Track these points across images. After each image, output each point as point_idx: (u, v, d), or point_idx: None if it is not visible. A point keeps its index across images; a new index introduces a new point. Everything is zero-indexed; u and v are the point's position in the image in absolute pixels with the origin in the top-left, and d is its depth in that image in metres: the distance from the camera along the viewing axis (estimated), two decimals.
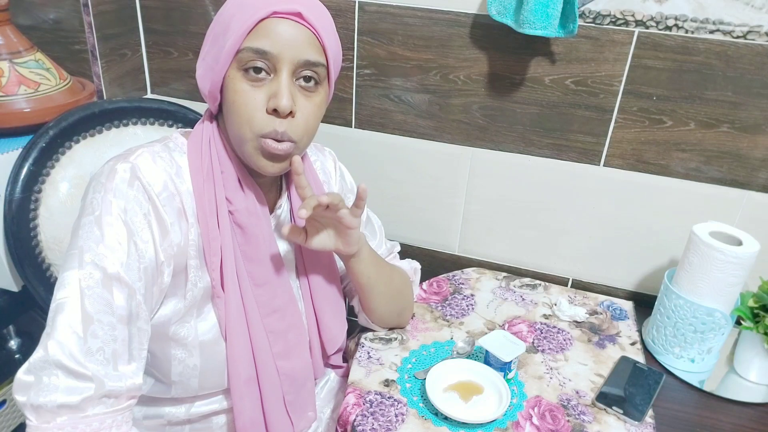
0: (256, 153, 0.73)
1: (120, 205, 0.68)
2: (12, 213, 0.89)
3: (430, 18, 1.15)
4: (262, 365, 0.81)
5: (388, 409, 0.89)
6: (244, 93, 0.71)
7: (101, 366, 0.64)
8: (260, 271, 0.81)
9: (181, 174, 0.75)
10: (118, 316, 0.66)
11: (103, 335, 0.65)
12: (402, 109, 1.25)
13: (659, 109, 1.10)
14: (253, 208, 0.79)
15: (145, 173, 0.71)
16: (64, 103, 1.05)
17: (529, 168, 1.22)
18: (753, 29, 1.00)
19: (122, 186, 0.69)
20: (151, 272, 0.70)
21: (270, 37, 0.70)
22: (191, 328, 0.77)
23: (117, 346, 0.66)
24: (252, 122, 0.71)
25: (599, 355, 1.04)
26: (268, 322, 0.82)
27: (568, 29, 1.03)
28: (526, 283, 1.26)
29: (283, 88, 0.70)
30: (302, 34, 0.71)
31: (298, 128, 0.73)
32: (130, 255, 0.68)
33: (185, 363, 0.77)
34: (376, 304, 0.97)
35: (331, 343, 0.91)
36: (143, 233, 0.69)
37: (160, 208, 0.71)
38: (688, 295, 1.00)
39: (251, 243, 0.79)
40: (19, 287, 0.98)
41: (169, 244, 0.72)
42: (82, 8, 1.21)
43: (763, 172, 1.09)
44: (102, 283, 0.66)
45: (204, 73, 0.75)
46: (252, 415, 0.82)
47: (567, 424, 0.88)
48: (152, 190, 0.71)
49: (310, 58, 0.72)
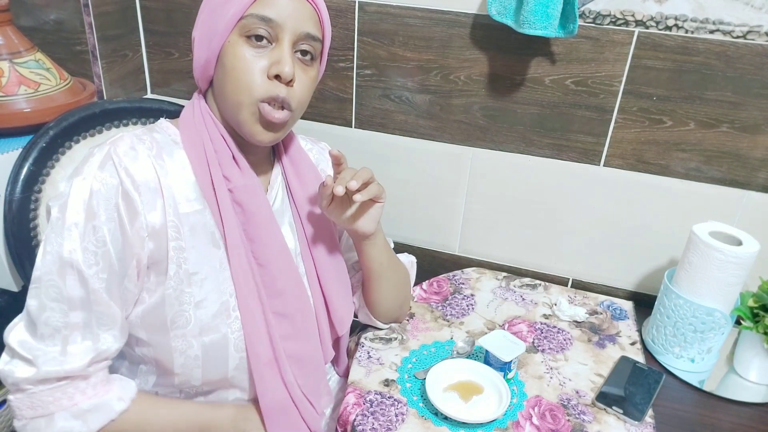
0: (252, 119, 0.75)
1: (85, 187, 0.69)
2: (12, 213, 0.89)
3: (431, 18, 1.15)
4: (276, 348, 0.80)
5: (388, 409, 0.89)
6: (246, 59, 0.73)
7: (48, 350, 0.70)
8: (262, 250, 0.80)
9: (162, 156, 0.75)
10: (70, 303, 0.69)
11: (55, 322, 0.69)
12: (402, 109, 1.25)
13: (659, 109, 1.10)
14: (251, 185, 0.80)
15: (121, 154, 0.71)
16: (64, 103, 1.05)
17: (529, 168, 1.22)
18: (753, 29, 1.00)
19: (92, 169, 0.70)
20: (116, 255, 0.70)
21: (275, 6, 0.73)
22: (189, 317, 0.75)
23: (67, 332, 0.70)
24: (252, 87, 0.73)
25: (599, 355, 1.04)
26: (273, 304, 0.81)
27: (568, 29, 1.03)
28: (526, 283, 1.26)
29: (285, 56, 0.73)
30: (305, 7, 0.75)
31: (295, 97, 0.76)
32: (85, 239, 0.69)
33: (186, 354, 0.76)
34: (384, 293, 0.97)
35: (341, 324, 0.91)
36: (104, 216, 0.69)
37: (131, 191, 0.71)
38: (687, 295, 1.00)
39: (252, 222, 0.79)
40: (19, 287, 0.98)
41: (140, 226, 0.71)
42: (83, 9, 1.21)
43: (762, 172, 1.09)
44: (57, 272, 0.69)
45: (201, 41, 0.76)
46: (277, 398, 0.81)
47: (567, 424, 0.88)
48: (125, 171, 0.71)
49: (311, 31, 0.76)
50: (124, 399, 0.74)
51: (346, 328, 0.93)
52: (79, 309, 0.70)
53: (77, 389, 0.71)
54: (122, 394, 0.75)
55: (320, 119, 1.32)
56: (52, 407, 0.70)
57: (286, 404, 0.83)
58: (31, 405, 0.70)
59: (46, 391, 0.69)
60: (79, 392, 0.71)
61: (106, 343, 0.73)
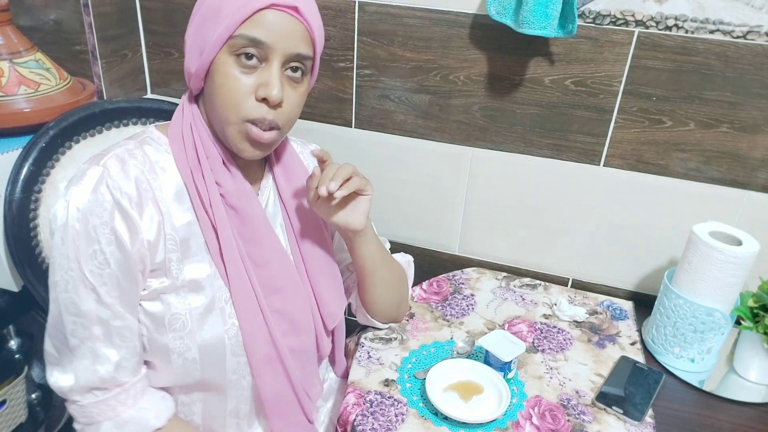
0: (239, 136, 0.75)
1: (82, 213, 0.70)
2: (12, 213, 0.89)
3: (430, 18, 1.15)
4: (276, 344, 0.82)
5: (388, 409, 0.89)
6: (234, 78, 0.72)
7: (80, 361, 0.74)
8: (259, 251, 0.81)
9: (155, 170, 0.76)
10: (88, 318, 0.72)
11: (80, 334, 0.73)
12: (402, 109, 1.25)
13: (659, 110, 1.10)
14: (242, 189, 0.80)
15: (114, 176, 0.72)
16: (64, 103, 1.05)
17: (529, 168, 1.22)
18: (753, 29, 1.00)
19: (86, 192, 0.70)
20: (121, 274, 0.72)
21: (265, 27, 0.71)
22: (186, 321, 0.76)
23: (91, 343, 0.73)
24: (239, 107, 0.73)
25: (599, 355, 1.04)
26: (271, 302, 0.82)
27: (568, 29, 1.03)
28: (526, 283, 1.26)
29: (274, 79, 0.72)
30: (297, 27, 0.73)
31: (283, 116, 0.76)
32: (89, 263, 0.71)
33: (184, 356, 0.77)
34: (378, 292, 0.97)
35: (331, 318, 0.91)
36: (103, 239, 0.71)
37: (129, 210, 0.72)
38: (687, 295, 1.00)
39: (247, 224, 0.80)
40: (19, 287, 0.97)
41: (141, 244, 0.73)
42: (83, 9, 1.21)
43: (762, 172, 1.09)
44: (73, 290, 0.71)
45: (191, 50, 0.76)
46: (276, 391, 0.83)
47: (567, 424, 0.88)
48: (119, 192, 0.71)
49: (302, 51, 0.74)
50: (161, 417, 0.79)
51: (336, 321, 0.93)
52: (98, 324, 0.73)
53: (118, 401, 0.76)
54: (160, 412, 0.79)
55: (320, 119, 1.32)
56: (98, 417, 0.76)
57: (288, 397, 0.85)
58: (83, 414, 0.76)
59: (92, 403, 0.75)
60: (120, 404, 0.76)
61: (130, 351, 0.76)
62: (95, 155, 0.75)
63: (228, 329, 0.78)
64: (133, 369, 0.77)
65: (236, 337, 0.79)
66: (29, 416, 1.17)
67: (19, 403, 1.13)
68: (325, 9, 1.20)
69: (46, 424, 1.22)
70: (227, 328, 0.78)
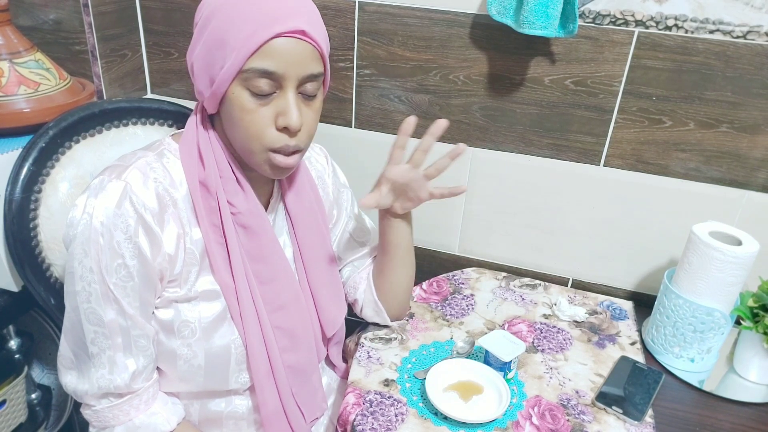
0: (264, 164, 0.76)
1: (106, 228, 0.70)
2: (12, 213, 0.88)
3: (430, 18, 1.15)
4: (273, 360, 0.83)
5: (387, 409, 0.89)
6: (252, 111, 0.72)
7: (97, 369, 0.75)
8: (265, 269, 0.82)
9: (175, 184, 0.77)
10: (110, 329, 0.73)
11: (100, 343, 0.74)
12: (402, 109, 1.25)
13: (659, 110, 1.10)
14: (255, 209, 0.80)
15: (137, 190, 0.72)
16: (64, 103, 1.04)
17: (529, 168, 1.22)
18: (753, 29, 1.00)
19: (109, 208, 0.70)
20: (144, 286, 0.73)
21: (275, 56, 0.69)
22: (195, 328, 0.78)
23: (111, 352, 0.74)
24: (262, 138, 0.73)
25: (599, 354, 1.04)
26: (274, 318, 0.83)
27: (568, 29, 1.03)
28: (526, 283, 1.26)
29: (291, 107, 0.72)
30: (306, 50, 0.71)
31: (304, 138, 0.76)
32: (112, 276, 0.71)
33: (190, 363, 0.78)
34: (400, 273, 0.99)
35: (330, 325, 0.92)
36: (127, 254, 0.71)
37: (152, 225, 0.72)
38: (687, 295, 1.00)
39: (255, 243, 0.81)
40: (19, 287, 0.98)
41: (162, 257, 0.74)
42: (83, 9, 1.21)
43: (762, 172, 1.09)
44: (95, 301, 0.72)
45: (200, 76, 0.74)
46: (274, 406, 0.84)
47: (567, 424, 0.88)
48: (143, 207, 0.72)
49: (314, 71, 0.73)
50: (171, 422, 0.81)
51: (335, 329, 0.94)
52: (119, 334, 0.74)
53: (131, 406, 0.78)
54: (169, 417, 0.81)
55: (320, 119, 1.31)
56: (112, 422, 0.78)
57: (281, 414, 0.86)
58: (97, 419, 0.79)
59: (106, 408, 0.77)
60: (133, 408, 0.78)
61: (147, 358, 0.77)
62: (113, 166, 0.74)
63: (234, 339, 0.80)
64: (147, 375, 0.78)
65: (240, 348, 0.80)
66: (29, 416, 1.17)
67: (19, 403, 1.13)
68: (325, 9, 1.20)
69: (46, 424, 1.22)
70: (234, 338, 0.80)
